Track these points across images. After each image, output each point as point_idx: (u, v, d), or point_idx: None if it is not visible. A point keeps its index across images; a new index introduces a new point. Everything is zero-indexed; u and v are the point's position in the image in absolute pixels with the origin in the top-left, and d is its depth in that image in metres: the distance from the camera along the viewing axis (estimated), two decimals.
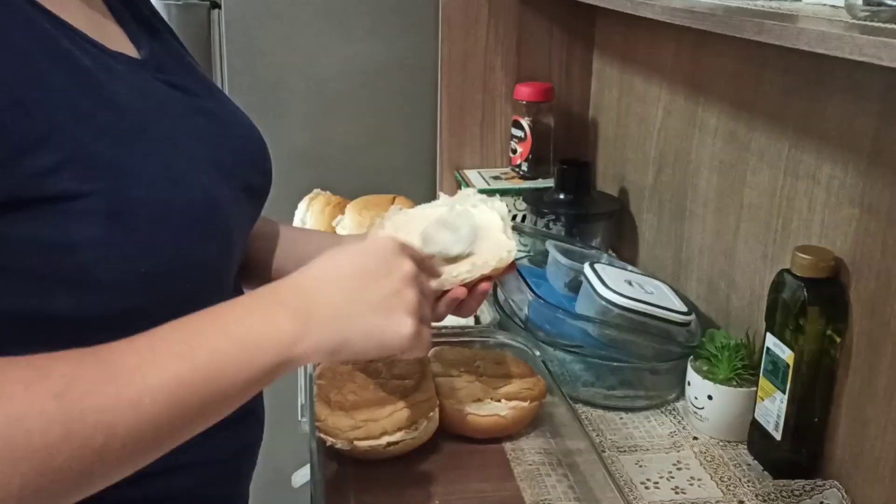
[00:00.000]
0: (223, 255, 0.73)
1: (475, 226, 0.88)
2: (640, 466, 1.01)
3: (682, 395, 1.13)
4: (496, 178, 1.69)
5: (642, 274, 1.32)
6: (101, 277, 0.61)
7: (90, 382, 0.54)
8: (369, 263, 0.69)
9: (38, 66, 0.60)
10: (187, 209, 0.67)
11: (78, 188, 0.60)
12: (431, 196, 1.80)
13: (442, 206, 0.92)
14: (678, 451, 1.05)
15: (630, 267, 1.38)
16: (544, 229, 1.49)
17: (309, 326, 0.63)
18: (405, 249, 0.73)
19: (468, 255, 0.86)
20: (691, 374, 1.08)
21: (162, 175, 0.66)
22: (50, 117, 0.59)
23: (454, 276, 0.84)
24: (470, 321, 1.30)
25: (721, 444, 1.06)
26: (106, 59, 0.68)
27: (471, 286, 0.85)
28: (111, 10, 0.77)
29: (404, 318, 0.68)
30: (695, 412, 1.08)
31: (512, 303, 1.25)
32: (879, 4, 0.68)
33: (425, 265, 0.76)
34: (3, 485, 0.50)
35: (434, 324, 1.26)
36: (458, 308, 0.87)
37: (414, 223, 0.87)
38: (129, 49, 0.75)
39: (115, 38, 0.74)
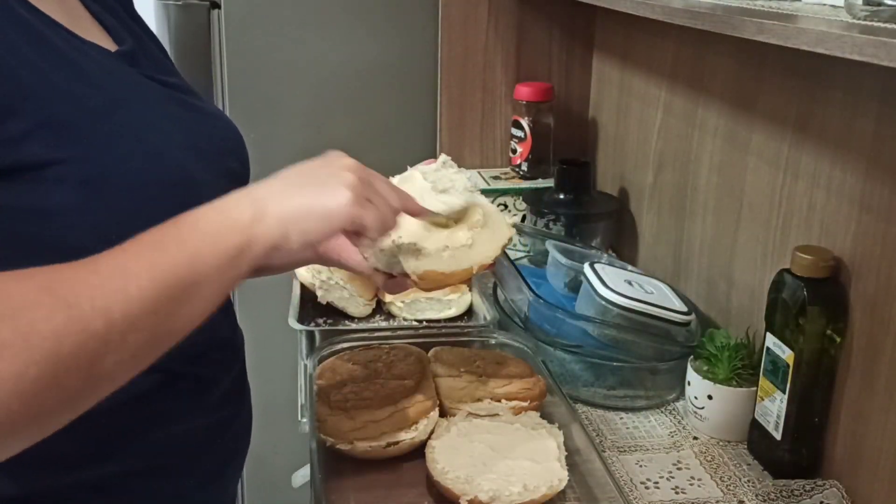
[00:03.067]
0: None
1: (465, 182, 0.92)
2: (640, 466, 1.01)
3: (682, 395, 1.13)
4: (496, 178, 1.69)
5: (642, 274, 1.32)
6: (73, 244, 0.62)
7: (73, 276, 0.56)
8: (311, 163, 0.75)
9: (7, 39, 0.63)
10: (162, 182, 0.71)
11: (50, 155, 0.63)
12: None
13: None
14: (678, 451, 1.05)
15: (630, 267, 1.38)
16: (544, 229, 1.49)
17: (262, 210, 0.67)
18: (348, 156, 0.77)
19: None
20: (691, 374, 1.08)
21: (137, 148, 0.70)
22: (20, 85, 0.63)
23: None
24: (468, 321, 1.30)
25: (721, 444, 1.06)
26: (79, 44, 0.72)
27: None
28: (89, 11, 0.80)
29: (340, 188, 0.71)
30: (695, 412, 1.08)
31: (512, 303, 1.25)
32: (879, 4, 0.68)
33: (374, 177, 0.77)
34: (20, 375, 0.50)
35: (434, 324, 1.27)
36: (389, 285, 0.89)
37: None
38: (106, 43, 0.78)
39: (92, 33, 0.77)
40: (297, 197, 0.70)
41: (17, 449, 0.53)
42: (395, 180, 0.95)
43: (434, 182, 0.92)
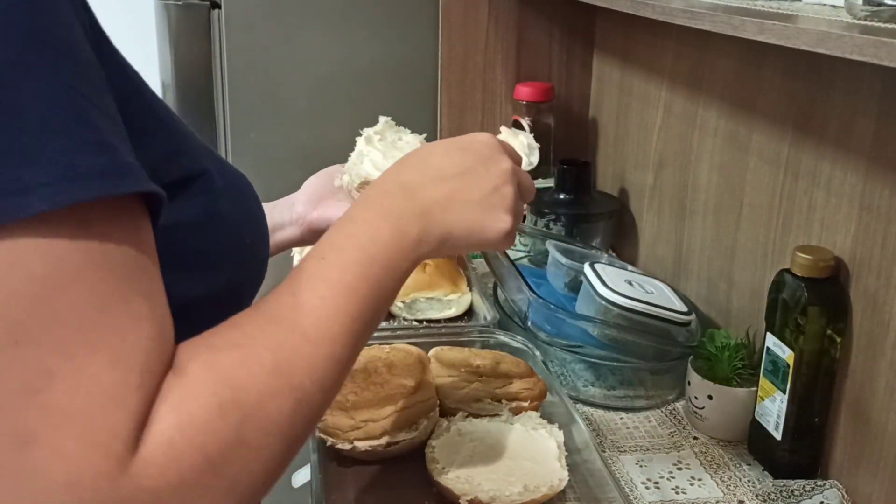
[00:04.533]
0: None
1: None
2: (640, 466, 1.01)
3: (682, 395, 1.13)
4: None
5: (642, 274, 1.32)
6: (230, 253, 0.63)
7: (291, 349, 0.55)
8: (468, 160, 0.70)
9: (123, 62, 0.58)
10: (242, 181, 0.69)
11: (195, 168, 0.61)
12: None
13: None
14: (678, 451, 1.05)
15: (630, 267, 1.38)
16: (544, 229, 1.49)
17: (426, 227, 0.66)
18: (503, 147, 0.74)
19: None
20: (691, 374, 1.08)
21: (210, 156, 0.66)
22: (146, 101, 0.59)
23: None
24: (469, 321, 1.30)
25: (721, 444, 1.06)
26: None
27: None
28: None
29: (503, 214, 0.69)
30: (695, 412, 1.08)
31: (512, 303, 1.25)
32: (879, 4, 0.68)
33: (522, 180, 0.76)
34: (266, 470, 0.51)
35: (434, 324, 1.27)
36: None
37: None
38: None
39: None
40: (464, 217, 0.68)
41: None
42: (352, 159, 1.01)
43: (386, 144, 0.95)
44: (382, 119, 1.13)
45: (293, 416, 0.53)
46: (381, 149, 1.07)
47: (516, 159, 0.75)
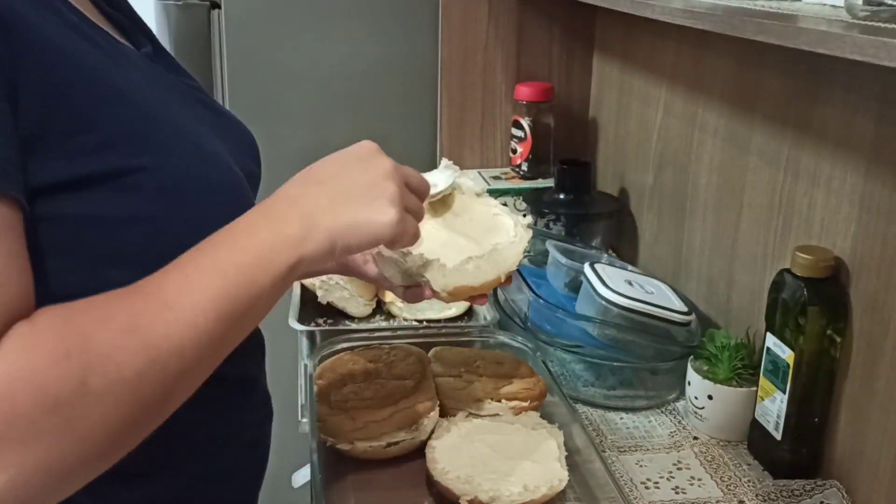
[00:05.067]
0: None
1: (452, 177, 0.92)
2: (640, 466, 1.01)
3: (682, 395, 1.13)
4: (496, 178, 1.69)
5: (642, 274, 1.32)
6: (153, 253, 0.64)
7: (151, 313, 0.57)
8: (347, 162, 0.73)
9: (77, 50, 0.64)
10: (221, 185, 0.72)
11: (127, 163, 0.64)
12: None
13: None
14: (678, 451, 1.05)
15: (630, 267, 1.38)
16: (544, 229, 1.49)
17: (310, 226, 0.67)
18: (382, 153, 0.75)
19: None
20: (691, 374, 1.08)
21: (195, 153, 0.71)
22: (96, 97, 0.64)
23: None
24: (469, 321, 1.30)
25: (721, 444, 1.06)
26: (123, 49, 0.73)
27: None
28: (103, 14, 0.80)
29: (385, 206, 0.70)
30: (695, 412, 1.08)
31: (512, 303, 1.25)
32: (879, 4, 0.68)
33: (408, 177, 0.77)
34: (106, 420, 0.53)
35: (434, 324, 1.27)
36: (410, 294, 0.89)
37: None
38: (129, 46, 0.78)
39: (116, 36, 0.77)
40: (345, 212, 0.69)
41: (92, 476, 0.56)
42: None
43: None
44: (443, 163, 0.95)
45: (143, 374, 0.55)
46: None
47: (410, 176, 0.77)
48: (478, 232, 0.91)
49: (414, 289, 0.88)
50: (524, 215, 0.96)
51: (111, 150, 0.63)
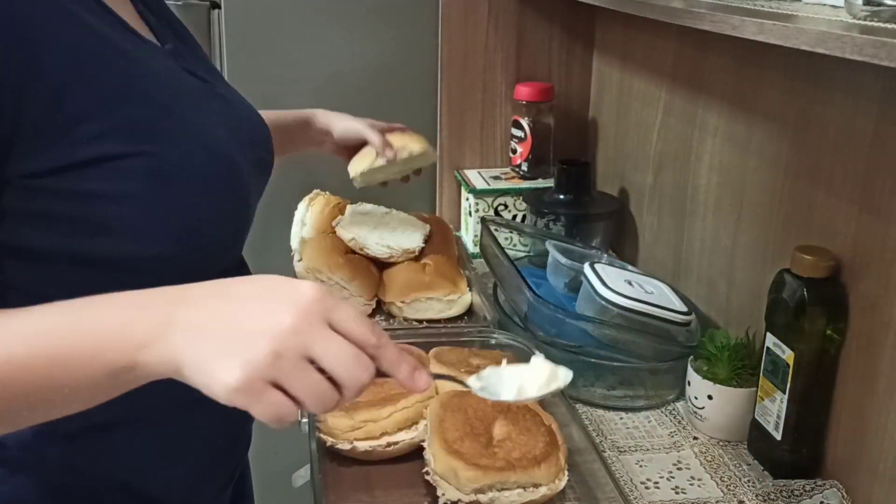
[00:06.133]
0: (240, 215, 0.82)
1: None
2: (640, 466, 1.01)
3: (682, 395, 1.13)
4: (496, 178, 1.69)
5: (642, 274, 1.32)
6: (138, 227, 0.70)
7: None
8: (259, 296, 0.60)
9: (85, 48, 0.68)
10: (216, 175, 0.76)
11: (122, 150, 0.68)
12: (429, 196, 1.80)
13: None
14: (678, 451, 1.05)
15: (630, 267, 1.38)
16: (544, 229, 1.49)
17: (163, 336, 0.58)
18: (319, 305, 0.59)
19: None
20: (691, 374, 1.08)
21: (197, 144, 0.74)
22: (101, 89, 0.68)
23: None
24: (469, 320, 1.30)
25: (721, 444, 1.06)
26: (140, 42, 0.76)
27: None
28: (136, 9, 0.84)
29: (235, 366, 0.56)
30: (695, 412, 1.08)
31: (512, 303, 1.25)
32: (879, 4, 0.68)
33: (346, 328, 0.60)
34: None
35: (434, 324, 1.27)
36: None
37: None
38: (154, 41, 0.82)
39: (142, 31, 0.80)
40: (200, 346, 0.58)
41: None
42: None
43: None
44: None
45: None
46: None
47: (360, 337, 0.60)
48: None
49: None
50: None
51: (109, 139, 0.68)
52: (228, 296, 0.60)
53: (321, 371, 0.58)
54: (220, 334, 0.58)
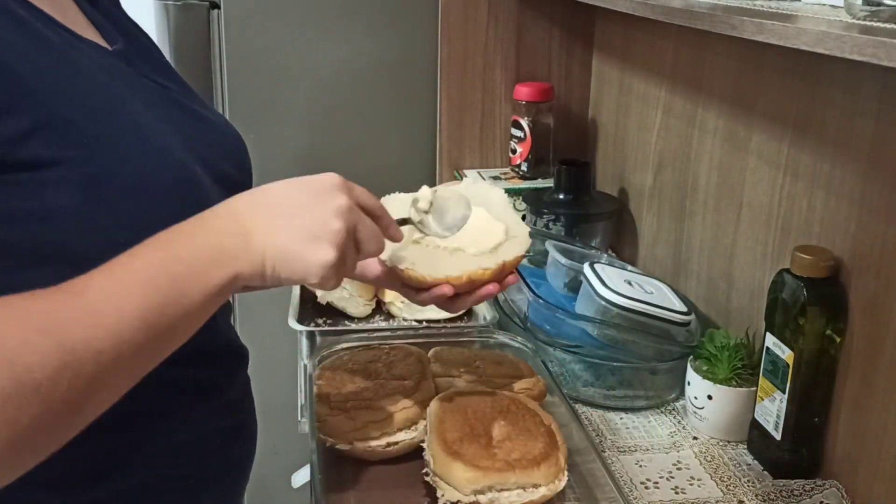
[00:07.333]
0: None
1: (465, 214, 0.87)
2: (640, 466, 1.01)
3: (682, 395, 1.13)
4: (496, 178, 1.69)
5: (642, 274, 1.32)
6: (77, 250, 0.63)
7: (70, 315, 0.55)
8: (301, 193, 0.70)
9: (4, 37, 0.62)
10: (164, 183, 0.69)
11: (51, 155, 0.63)
12: None
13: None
14: (678, 451, 1.05)
15: (630, 267, 1.38)
16: (544, 229, 1.49)
17: (247, 245, 0.65)
18: (346, 186, 0.72)
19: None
20: (691, 374, 1.08)
21: (138, 149, 0.69)
22: (19, 83, 0.62)
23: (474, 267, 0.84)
24: (468, 320, 1.30)
25: (721, 444, 1.06)
26: (76, 41, 0.71)
27: (466, 286, 0.84)
28: (81, 10, 0.79)
29: (326, 246, 0.67)
30: (695, 412, 1.08)
31: (512, 303, 1.25)
32: (879, 4, 0.68)
33: (370, 208, 0.74)
34: (14, 422, 0.50)
35: (434, 324, 1.27)
36: (448, 303, 0.86)
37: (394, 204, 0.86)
38: (99, 42, 0.77)
39: (86, 32, 0.76)
40: (284, 237, 0.67)
41: (4, 481, 0.53)
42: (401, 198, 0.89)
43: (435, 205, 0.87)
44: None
45: (56, 377, 0.52)
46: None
47: (372, 208, 0.74)
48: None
49: (426, 293, 0.84)
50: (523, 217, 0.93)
51: (35, 141, 0.62)
52: (274, 197, 0.69)
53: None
54: (295, 227, 0.67)
